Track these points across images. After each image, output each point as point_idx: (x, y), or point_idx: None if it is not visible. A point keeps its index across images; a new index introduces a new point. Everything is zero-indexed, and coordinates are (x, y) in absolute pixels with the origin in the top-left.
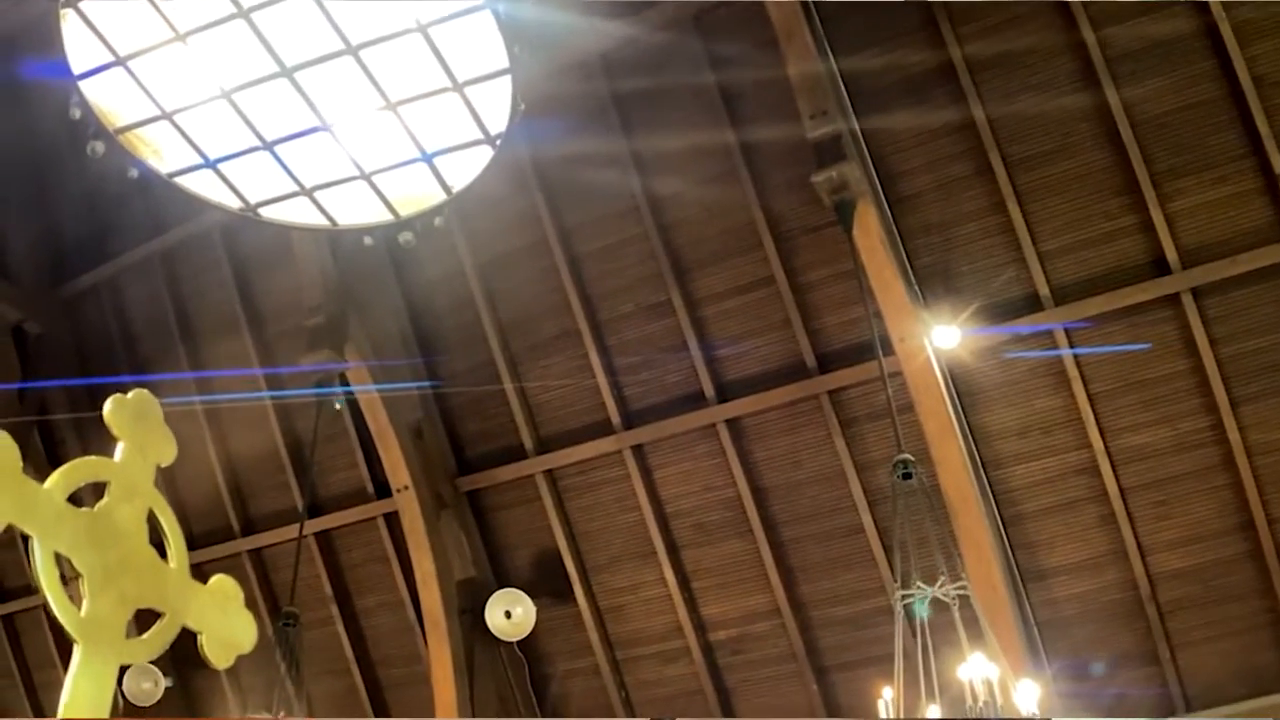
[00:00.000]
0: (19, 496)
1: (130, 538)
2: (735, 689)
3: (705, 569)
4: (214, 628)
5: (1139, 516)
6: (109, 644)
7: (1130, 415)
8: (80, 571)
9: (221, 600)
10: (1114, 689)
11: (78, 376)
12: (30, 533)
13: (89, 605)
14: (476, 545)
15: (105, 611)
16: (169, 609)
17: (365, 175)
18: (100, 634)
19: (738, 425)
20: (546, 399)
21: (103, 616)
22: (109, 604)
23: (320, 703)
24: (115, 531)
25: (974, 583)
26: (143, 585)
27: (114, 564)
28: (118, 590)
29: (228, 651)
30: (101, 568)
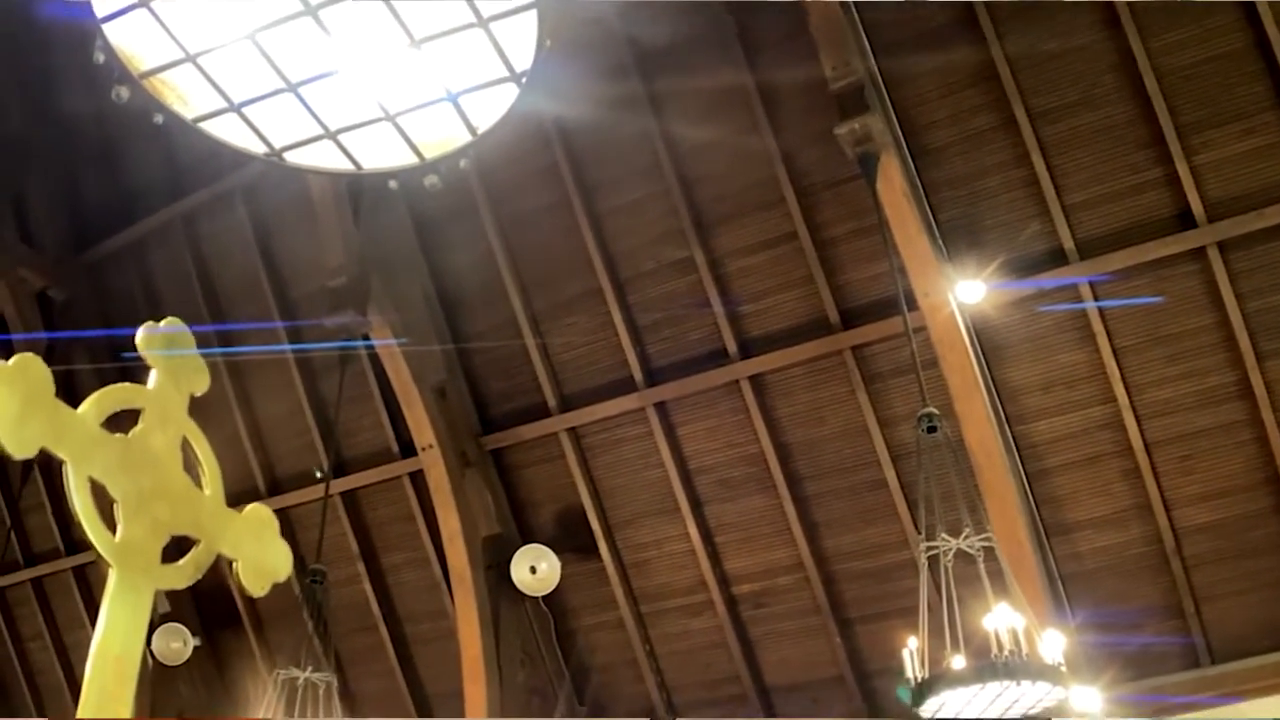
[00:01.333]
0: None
1: (164, 464)
2: (759, 641)
3: (729, 524)
4: (249, 555)
5: (1163, 471)
6: (144, 569)
7: (1155, 370)
8: (114, 497)
9: (257, 528)
10: (1138, 641)
11: (103, 341)
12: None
13: (123, 530)
14: (501, 502)
15: (140, 537)
16: (204, 536)
17: (390, 117)
18: (135, 559)
19: (761, 381)
20: (569, 357)
21: (137, 542)
22: (143, 529)
23: (348, 659)
24: (149, 458)
25: (998, 537)
26: (177, 512)
27: (148, 490)
28: (152, 516)
29: (263, 579)
30: (135, 493)
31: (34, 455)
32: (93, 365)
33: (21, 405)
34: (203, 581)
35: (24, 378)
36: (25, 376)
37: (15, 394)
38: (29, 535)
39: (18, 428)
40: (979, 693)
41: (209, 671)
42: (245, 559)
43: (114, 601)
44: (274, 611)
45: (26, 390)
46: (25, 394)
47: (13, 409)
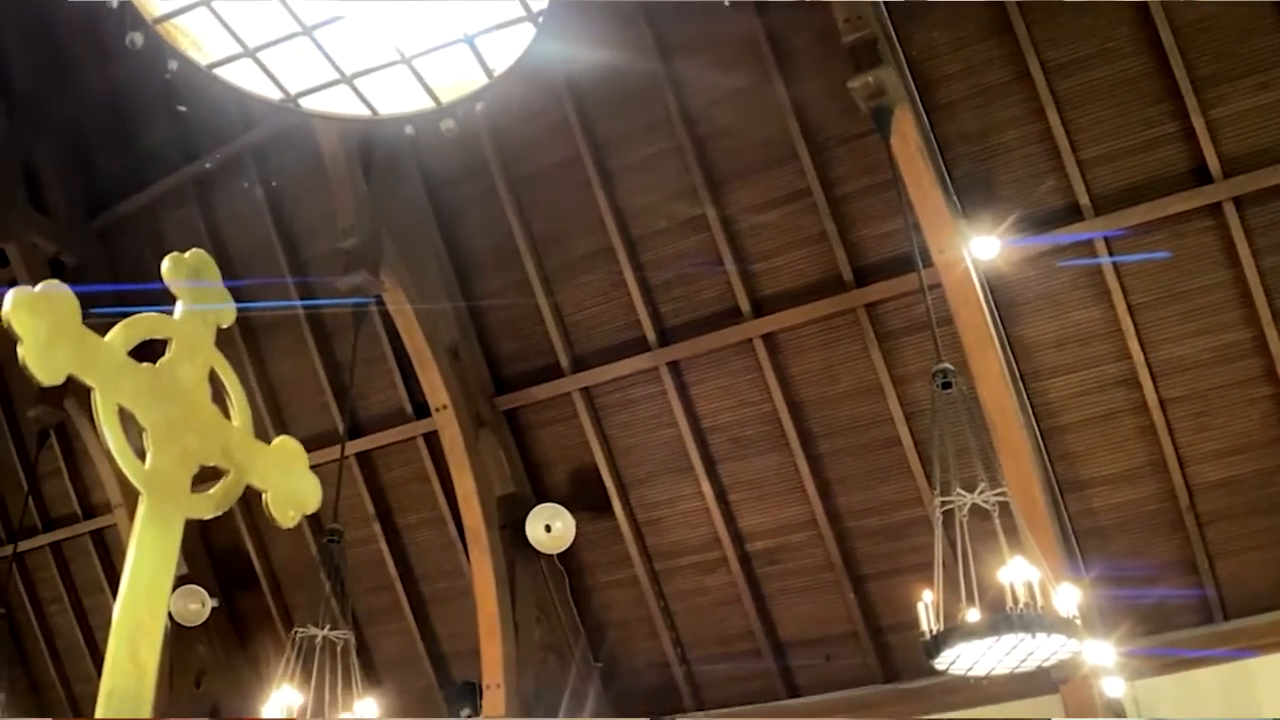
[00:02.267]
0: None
1: (192, 394)
2: (772, 598)
3: (742, 482)
4: (278, 486)
5: (1178, 428)
6: (174, 497)
7: (1170, 326)
8: (143, 425)
9: (285, 459)
10: (1152, 597)
11: (115, 306)
12: (91, 384)
13: (153, 459)
14: (515, 462)
15: (169, 465)
16: (233, 466)
17: (406, 59)
18: (165, 487)
19: (774, 340)
20: (581, 317)
21: (166, 470)
22: (172, 458)
23: (365, 618)
24: (177, 388)
25: (1013, 493)
26: (206, 442)
27: (177, 419)
28: (181, 445)
29: (293, 510)
30: (164, 422)
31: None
32: (105, 331)
33: (49, 332)
34: (220, 543)
35: (51, 305)
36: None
37: (43, 321)
38: (47, 501)
39: (46, 354)
40: (994, 645)
41: (227, 632)
42: (274, 490)
43: (144, 529)
44: (291, 572)
45: (54, 317)
46: (53, 321)
47: (40, 335)
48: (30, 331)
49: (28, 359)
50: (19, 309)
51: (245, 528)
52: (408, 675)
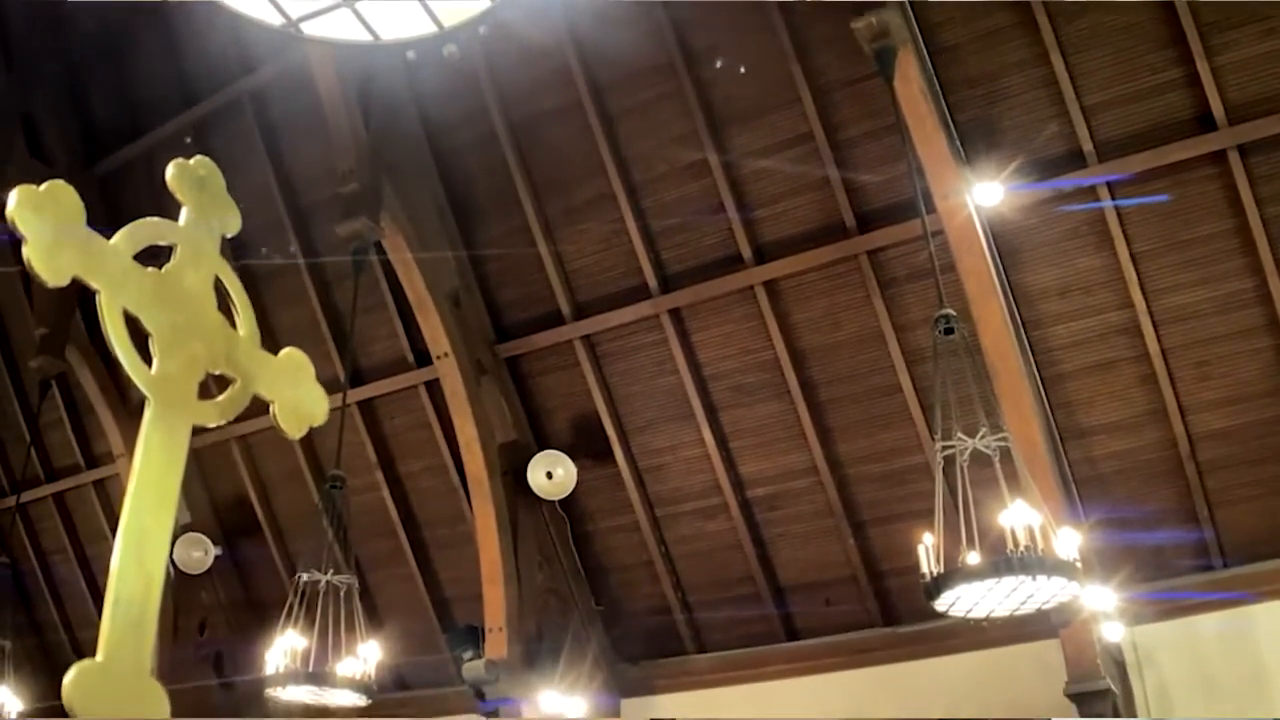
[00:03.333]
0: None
1: (198, 301)
2: (772, 542)
3: (743, 429)
4: (285, 397)
5: (1180, 377)
6: (181, 403)
7: (1173, 275)
8: (149, 330)
9: (292, 371)
10: (1151, 544)
11: None
12: (97, 286)
13: (159, 364)
14: (517, 410)
15: (175, 371)
16: (240, 375)
17: None
18: (171, 392)
19: (776, 287)
20: (582, 264)
21: (173, 375)
22: (179, 364)
23: (368, 564)
24: (183, 294)
25: (1014, 440)
26: (213, 349)
27: (183, 325)
28: (188, 352)
29: (300, 422)
30: (170, 328)
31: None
32: None
33: (54, 232)
34: (222, 491)
35: (55, 204)
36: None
37: (47, 220)
38: (49, 451)
39: (51, 255)
40: (994, 587)
41: (230, 580)
42: (282, 401)
43: (151, 434)
44: (293, 519)
45: (58, 217)
46: (57, 221)
47: (45, 236)
48: (34, 230)
49: (32, 259)
50: (23, 207)
51: (248, 476)
52: (410, 620)
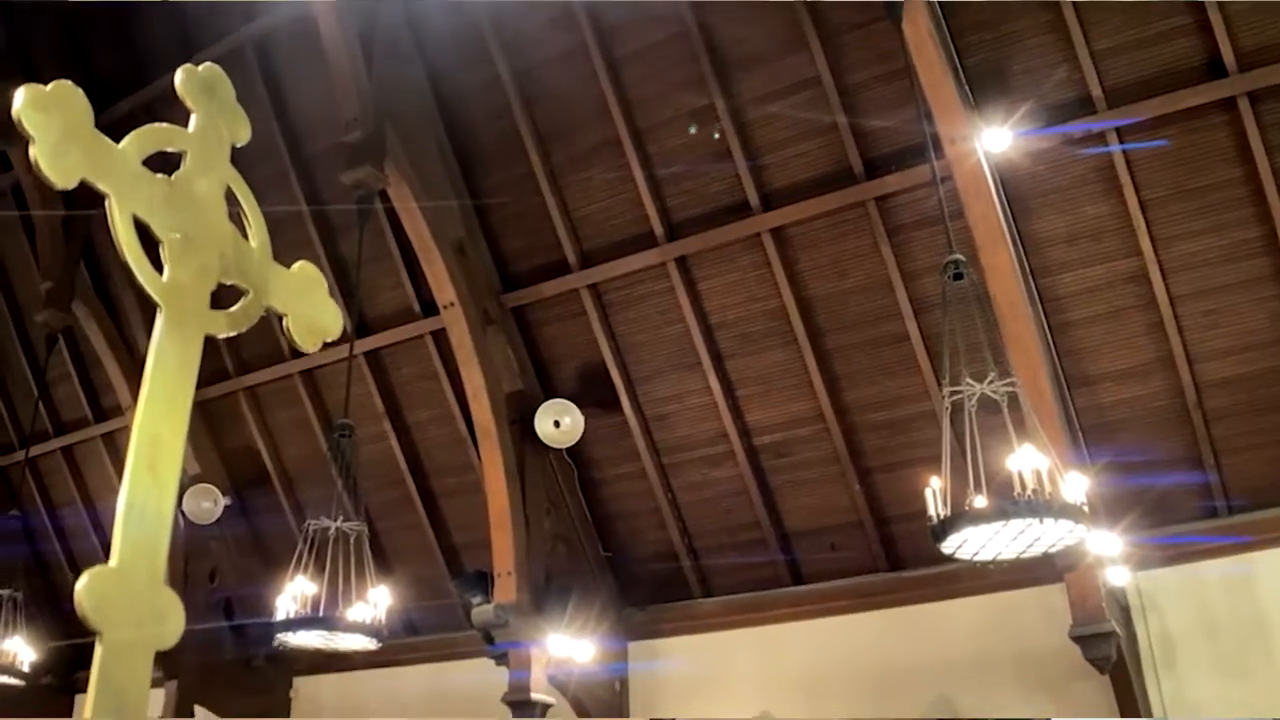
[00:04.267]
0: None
1: (209, 210)
2: (779, 489)
3: (750, 377)
4: (299, 311)
5: (1187, 325)
6: (193, 312)
7: (1182, 223)
8: (159, 238)
9: (305, 284)
10: (1157, 491)
11: None
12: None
13: (170, 272)
14: (523, 359)
15: (187, 279)
16: (252, 287)
17: None
18: (183, 301)
19: (783, 235)
20: (588, 212)
21: (185, 284)
22: (191, 273)
23: (377, 512)
24: (194, 202)
25: (1021, 387)
26: (225, 259)
27: (194, 234)
28: (199, 260)
29: (314, 335)
30: (181, 236)
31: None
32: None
33: (61, 132)
34: (231, 442)
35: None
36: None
37: (53, 120)
38: (57, 405)
39: (58, 156)
40: (1000, 530)
41: (240, 530)
42: (295, 315)
43: (163, 343)
44: (302, 469)
45: (65, 118)
46: (64, 121)
47: (51, 136)
48: (41, 130)
49: (39, 159)
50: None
51: (256, 427)
52: (419, 566)
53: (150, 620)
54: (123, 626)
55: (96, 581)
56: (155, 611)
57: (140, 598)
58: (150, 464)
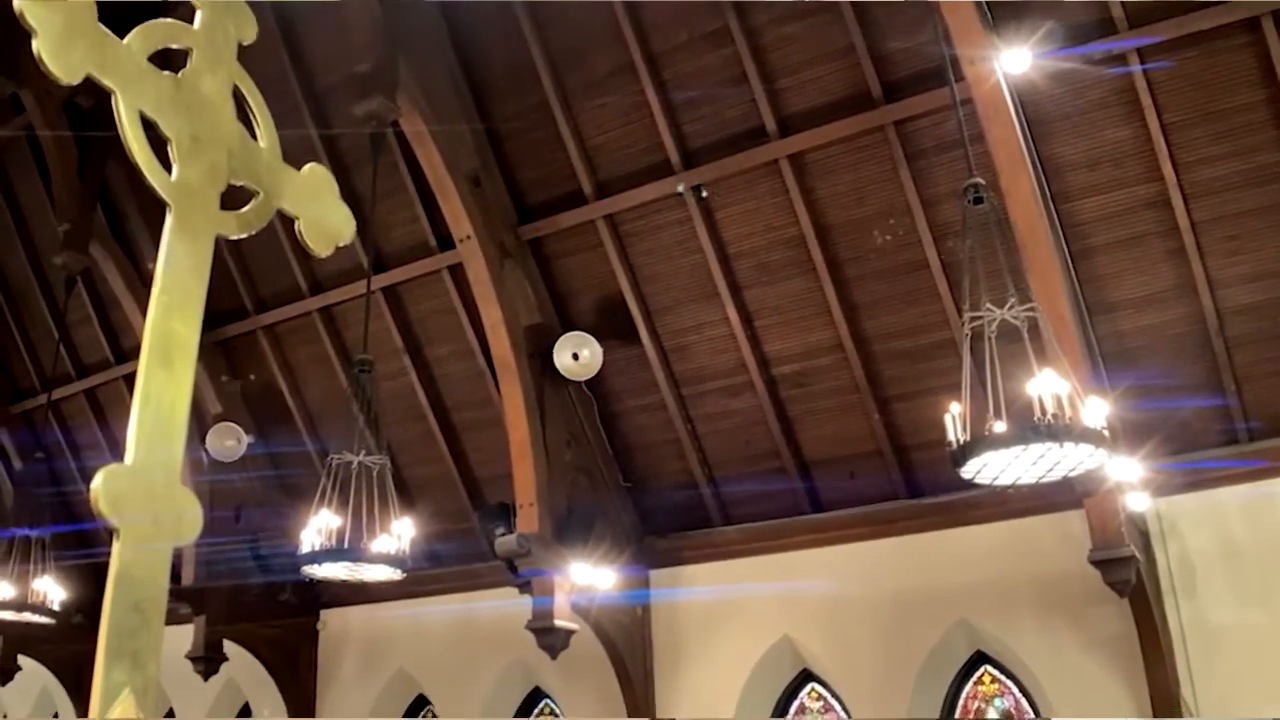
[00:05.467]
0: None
1: (217, 108)
2: (798, 419)
3: (768, 307)
4: (310, 213)
5: (1209, 251)
6: (202, 211)
7: (1204, 147)
8: (167, 135)
9: (316, 186)
10: (1177, 418)
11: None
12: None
13: (179, 170)
14: (541, 292)
15: (196, 178)
16: (262, 188)
17: None
18: (192, 200)
19: (801, 161)
20: (603, 141)
21: (193, 183)
22: (199, 172)
23: (399, 447)
24: (201, 100)
25: (1041, 313)
26: (234, 159)
27: (202, 132)
28: (208, 159)
29: (326, 239)
30: (189, 134)
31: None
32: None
33: (64, 25)
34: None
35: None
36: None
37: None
38: (78, 348)
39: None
40: (1020, 454)
41: (264, 467)
42: (306, 217)
43: (173, 242)
44: (324, 406)
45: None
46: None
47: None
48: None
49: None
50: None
51: (276, 365)
52: (442, 499)
53: (168, 516)
54: (140, 523)
55: (112, 479)
56: (173, 508)
57: (157, 495)
58: (165, 361)
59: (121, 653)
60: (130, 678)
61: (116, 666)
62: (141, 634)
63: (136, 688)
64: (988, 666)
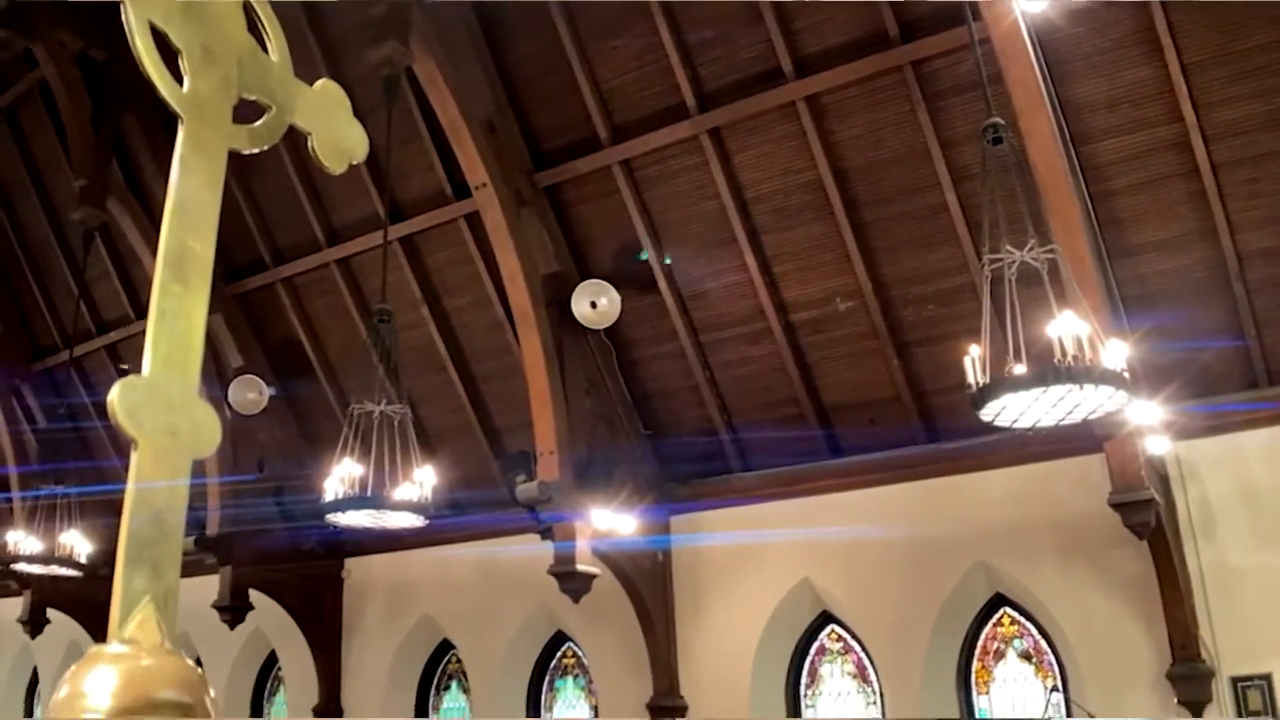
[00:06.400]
0: None
1: (227, 20)
2: (817, 365)
3: (786, 253)
4: (324, 129)
5: (1230, 193)
6: (215, 124)
7: (1225, 88)
8: (178, 47)
9: (328, 101)
10: (1198, 361)
11: (147, 101)
12: None
13: (190, 83)
14: (558, 240)
15: (208, 91)
16: (275, 103)
17: None
18: (204, 113)
19: (818, 103)
20: (618, 84)
21: (205, 95)
22: (211, 84)
23: (419, 398)
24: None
25: (1061, 255)
26: (245, 72)
27: (213, 43)
28: (219, 72)
29: (340, 156)
30: (200, 46)
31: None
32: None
33: None
34: (273, 334)
35: None
36: None
37: None
38: (98, 304)
39: None
40: (1040, 396)
41: (286, 419)
42: (320, 133)
43: (186, 156)
44: (344, 357)
45: None
46: None
47: None
48: None
49: None
50: None
51: (297, 318)
52: (463, 449)
53: (186, 428)
54: (158, 434)
55: (129, 390)
56: (190, 420)
57: (174, 407)
58: (179, 275)
59: (141, 561)
60: (150, 585)
61: (137, 574)
62: (161, 545)
63: (157, 596)
64: (1007, 608)
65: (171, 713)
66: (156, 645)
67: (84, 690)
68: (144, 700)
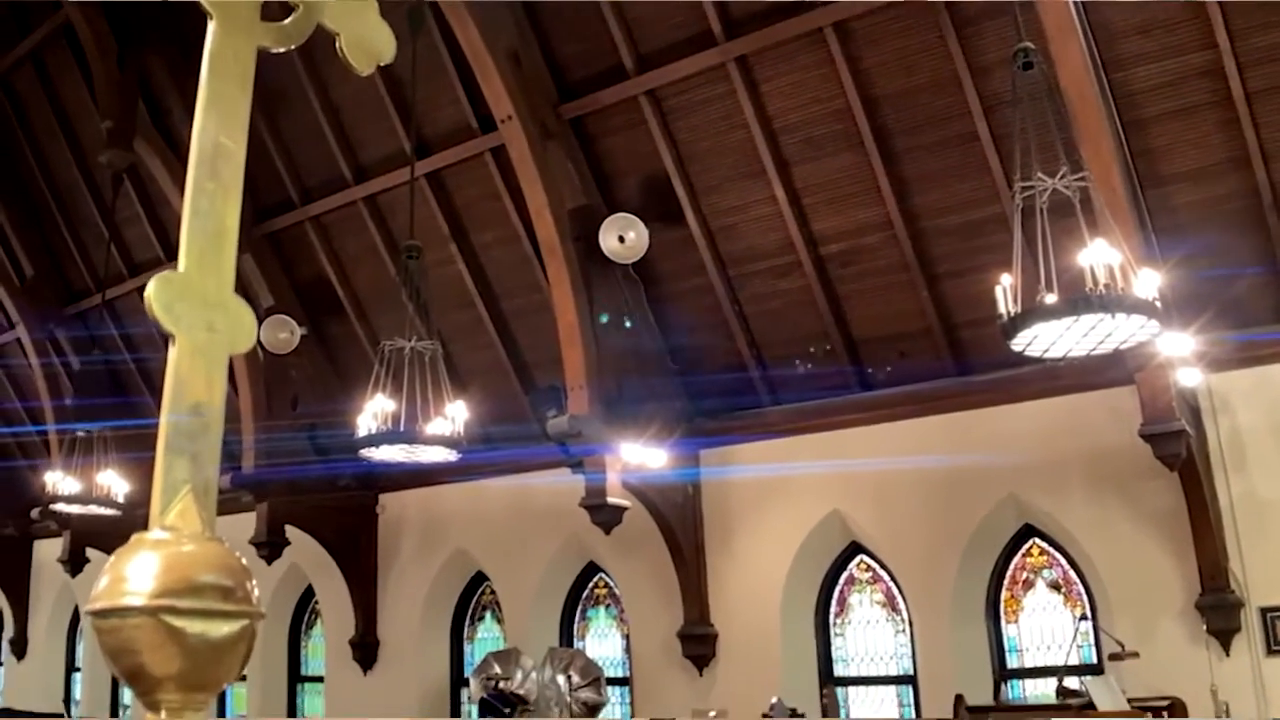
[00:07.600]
0: None
1: None
2: (847, 298)
3: (815, 184)
4: (351, 30)
5: (1264, 123)
6: (244, 22)
7: (1260, 13)
8: None
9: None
10: (1230, 294)
11: (172, 41)
12: None
13: None
14: (585, 173)
15: None
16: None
17: None
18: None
19: (846, 29)
20: (644, 11)
21: None
22: None
23: (449, 335)
24: None
25: (1093, 183)
26: None
27: None
28: None
29: (369, 57)
30: None
31: None
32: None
33: None
34: (303, 274)
35: None
36: None
37: None
38: (129, 246)
39: None
40: (1072, 325)
41: (317, 358)
42: (348, 34)
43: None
44: (374, 295)
45: None
46: None
47: None
48: None
49: None
50: None
51: (325, 256)
52: (493, 383)
53: (222, 324)
54: (195, 329)
55: (164, 284)
56: (227, 316)
57: (210, 303)
58: (212, 171)
59: (181, 451)
60: (191, 475)
61: (177, 464)
62: (201, 438)
63: (197, 486)
64: (1036, 539)
65: (213, 596)
66: (198, 532)
67: (125, 575)
68: (186, 583)
